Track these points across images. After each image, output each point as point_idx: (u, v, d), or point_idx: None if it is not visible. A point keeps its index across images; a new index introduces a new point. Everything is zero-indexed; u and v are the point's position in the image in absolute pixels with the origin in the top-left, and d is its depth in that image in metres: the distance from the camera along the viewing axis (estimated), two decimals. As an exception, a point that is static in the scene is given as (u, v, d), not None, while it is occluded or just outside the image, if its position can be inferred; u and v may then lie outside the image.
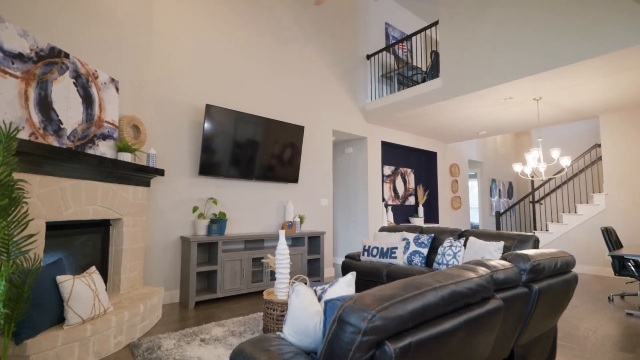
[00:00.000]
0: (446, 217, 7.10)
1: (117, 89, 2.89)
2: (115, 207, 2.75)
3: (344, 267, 3.80)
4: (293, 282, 2.38)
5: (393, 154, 6.48)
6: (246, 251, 3.69)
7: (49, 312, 1.93)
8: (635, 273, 3.34)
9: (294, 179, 4.47)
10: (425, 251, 3.48)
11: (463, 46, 4.25)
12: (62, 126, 2.36)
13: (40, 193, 2.11)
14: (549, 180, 6.57)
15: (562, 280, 1.56)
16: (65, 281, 2.01)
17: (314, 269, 4.44)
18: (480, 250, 2.91)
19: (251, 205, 4.16)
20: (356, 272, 3.65)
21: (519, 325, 1.38)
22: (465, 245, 3.21)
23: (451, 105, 4.68)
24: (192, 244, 3.30)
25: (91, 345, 2.06)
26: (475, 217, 9.55)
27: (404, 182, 6.60)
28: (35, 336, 1.81)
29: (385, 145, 6.25)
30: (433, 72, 5.22)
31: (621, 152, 5.20)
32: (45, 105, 2.25)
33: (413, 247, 3.54)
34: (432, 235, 3.56)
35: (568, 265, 1.63)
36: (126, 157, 2.83)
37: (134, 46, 3.15)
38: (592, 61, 3.30)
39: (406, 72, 5.89)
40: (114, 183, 2.74)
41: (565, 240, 5.63)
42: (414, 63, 6.73)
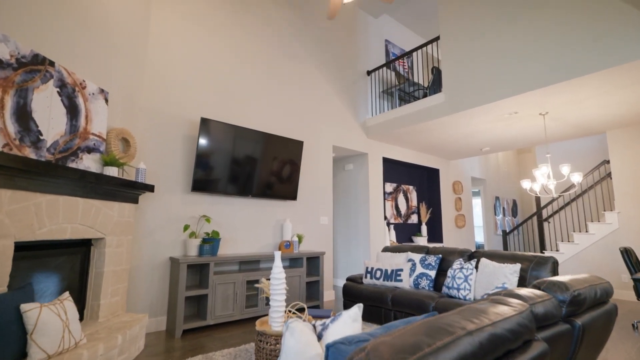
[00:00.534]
0: (450, 236, 6.84)
1: (107, 100, 2.73)
2: (97, 226, 2.54)
3: (345, 291, 3.54)
4: (289, 311, 2.13)
5: (395, 171, 6.30)
6: (240, 273, 3.43)
7: (9, 347, 1.68)
8: (660, 298, 3.08)
9: (292, 196, 4.26)
10: (432, 274, 3.23)
11: (466, 59, 4.16)
12: (42, 137, 2.18)
13: (10, 210, 1.90)
14: (558, 197, 6.37)
15: (604, 312, 1.33)
16: (30, 310, 1.77)
17: (313, 292, 4.16)
18: (494, 273, 2.67)
19: (247, 223, 3.93)
20: (359, 297, 3.38)
21: (559, 368, 1.15)
22: (476, 267, 2.97)
23: (454, 120, 4.55)
24: (182, 266, 3.05)
25: (57, 385, 1.79)
26: (479, 236, 9.28)
27: (406, 200, 6.39)
28: (-12, 377, 1.56)
29: (386, 161, 6.08)
30: (435, 87, 5.12)
31: (632, 169, 5.02)
32: (23, 114, 2.08)
33: (420, 269, 3.30)
34: (440, 256, 3.32)
35: (607, 294, 1.41)
36: (113, 172, 2.64)
37: (128, 57, 3.03)
38: (599, 74, 3.18)
39: (407, 88, 5.81)
40: (98, 199, 2.54)
41: (577, 261, 5.37)
42: (415, 80, 6.67)
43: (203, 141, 3.46)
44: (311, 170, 4.70)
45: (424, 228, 6.38)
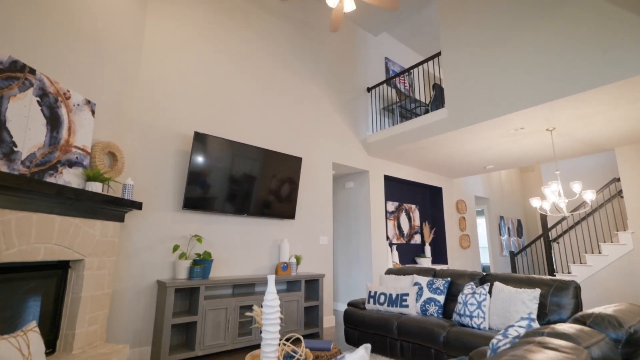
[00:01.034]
0: (455, 257, 6.56)
1: (93, 112, 2.58)
2: (76, 246, 2.32)
3: (347, 318, 3.26)
4: (284, 344, 1.89)
5: (396, 189, 6.11)
6: (233, 297, 3.18)
7: (-46, 390, 1.44)
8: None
9: (291, 215, 4.05)
10: (441, 299, 2.98)
11: (469, 72, 4.06)
12: (16, 149, 2.01)
13: (-28, 228, 1.70)
14: (568, 216, 6.14)
15: (658, 352, 1.11)
16: (-17, 345, 1.53)
17: (312, 318, 3.86)
18: (510, 299, 2.43)
19: (241, 243, 3.70)
20: (361, 324, 3.11)
21: None
22: (490, 292, 2.73)
23: (457, 136, 4.41)
24: (169, 290, 2.81)
25: None
26: (485, 257, 8.96)
27: (409, 219, 6.16)
28: None
29: (388, 179, 5.90)
30: (437, 104, 5.02)
31: (643, 187, 4.84)
32: (-4, 124, 1.92)
33: (427, 294, 3.04)
34: (449, 279, 3.07)
35: (658, 328, 1.19)
36: (96, 188, 2.45)
37: (119, 67, 2.91)
38: (608, 88, 3.06)
39: (408, 105, 5.72)
40: (77, 217, 2.34)
41: (591, 284, 5.08)
42: (416, 97, 6.61)
43: (196, 156, 3.30)
44: (310, 187, 4.51)
45: (428, 249, 6.11)
